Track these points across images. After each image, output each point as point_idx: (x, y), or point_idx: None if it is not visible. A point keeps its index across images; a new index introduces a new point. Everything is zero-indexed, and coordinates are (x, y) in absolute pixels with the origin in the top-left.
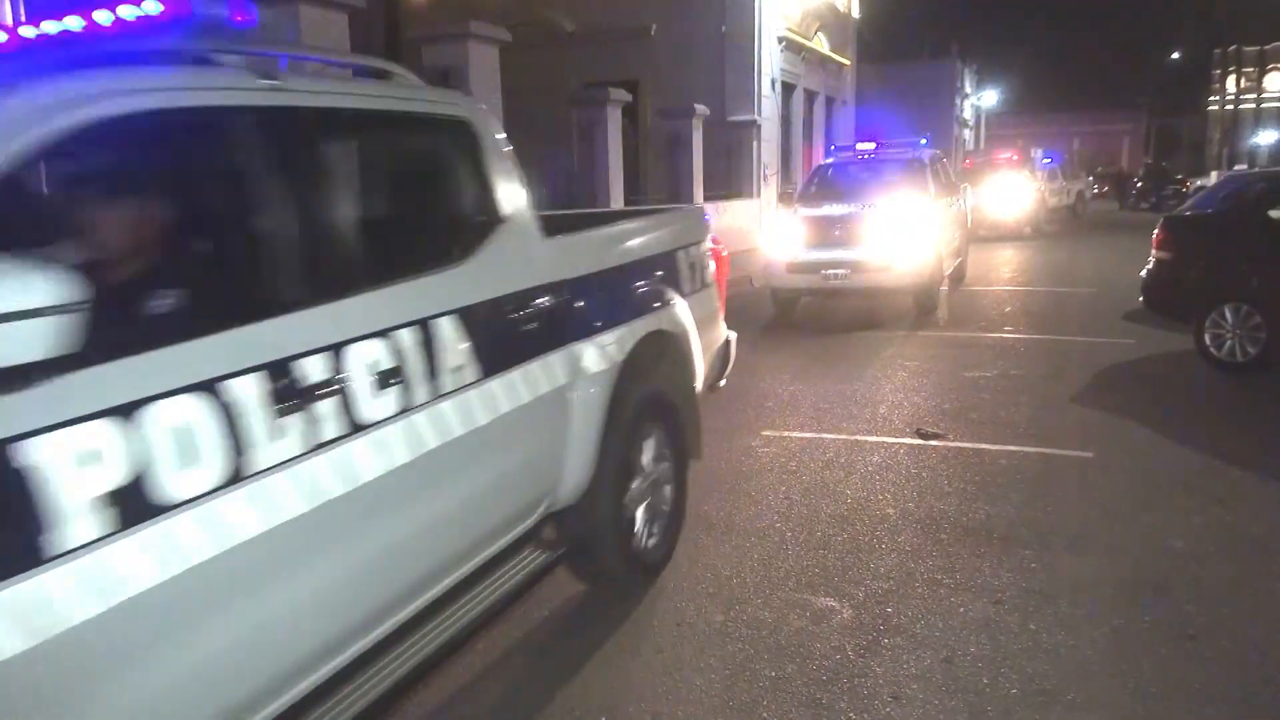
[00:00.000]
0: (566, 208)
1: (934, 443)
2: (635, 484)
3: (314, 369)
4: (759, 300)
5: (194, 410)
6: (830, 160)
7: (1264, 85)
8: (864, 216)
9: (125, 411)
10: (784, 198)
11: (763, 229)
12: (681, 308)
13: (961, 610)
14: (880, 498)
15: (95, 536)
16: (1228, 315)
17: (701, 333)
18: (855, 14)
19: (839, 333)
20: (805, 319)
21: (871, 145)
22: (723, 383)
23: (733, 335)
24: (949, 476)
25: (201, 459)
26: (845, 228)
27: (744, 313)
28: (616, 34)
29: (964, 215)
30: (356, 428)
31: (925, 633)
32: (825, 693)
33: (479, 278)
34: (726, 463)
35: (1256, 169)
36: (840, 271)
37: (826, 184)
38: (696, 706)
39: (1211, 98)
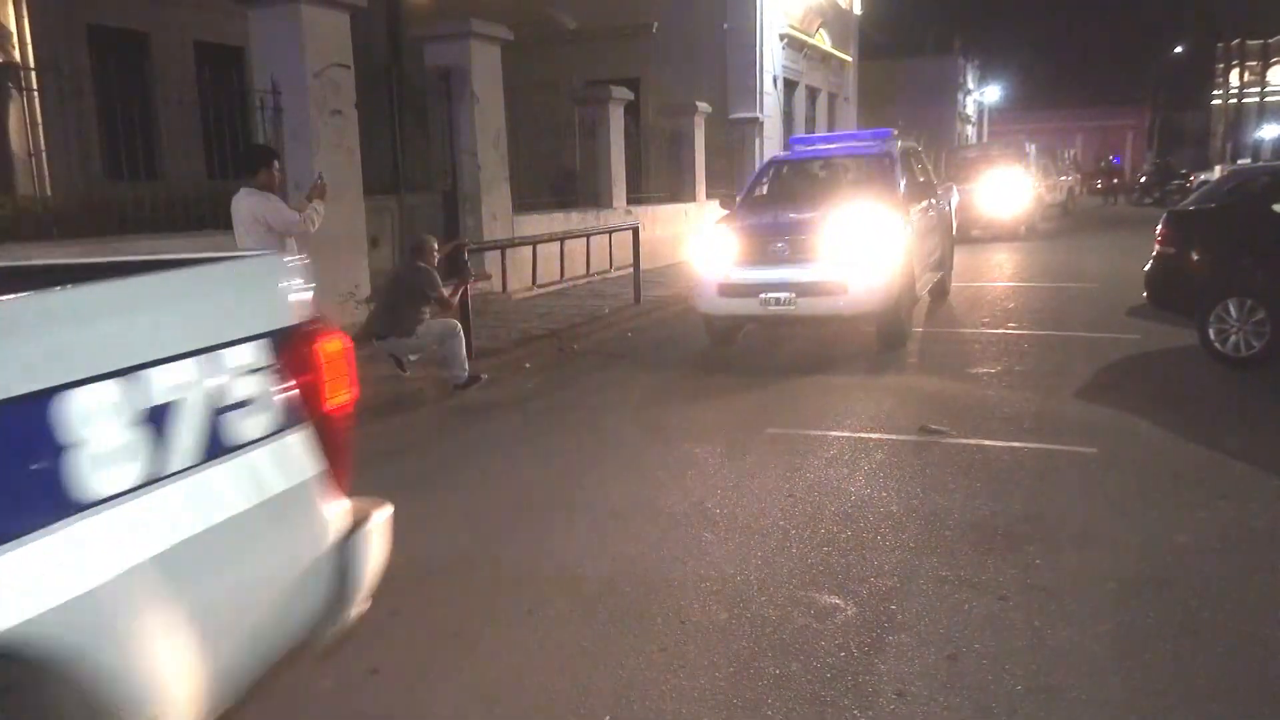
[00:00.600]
0: (569, 207)
1: (937, 439)
2: None
3: None
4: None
5: None
6: (783, 156)
7: (1267, 79)
8: (814, 225)
9: None
10: (726, 201)
11: (692, 238)
12: (74, 541)
13: (966, 607)
14: (884, 494)
15: None
16: (1232, 310)
17: (213, 576)
18: (857, 10)
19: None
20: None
21: (833, 138)
22: (347, 618)
23: (376, 519)
24: (953, 473)
25: None
26: (790, 240)
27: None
28: (618, 31)
29: (948, 219)
30: None
31: (929, 630)
32: (829, 690)
33: None
34: (729, 460)
35: (1261, 163)
36: (782, 295)
37: (775, 185)
38: (700, 705)
39: (1215, 92)
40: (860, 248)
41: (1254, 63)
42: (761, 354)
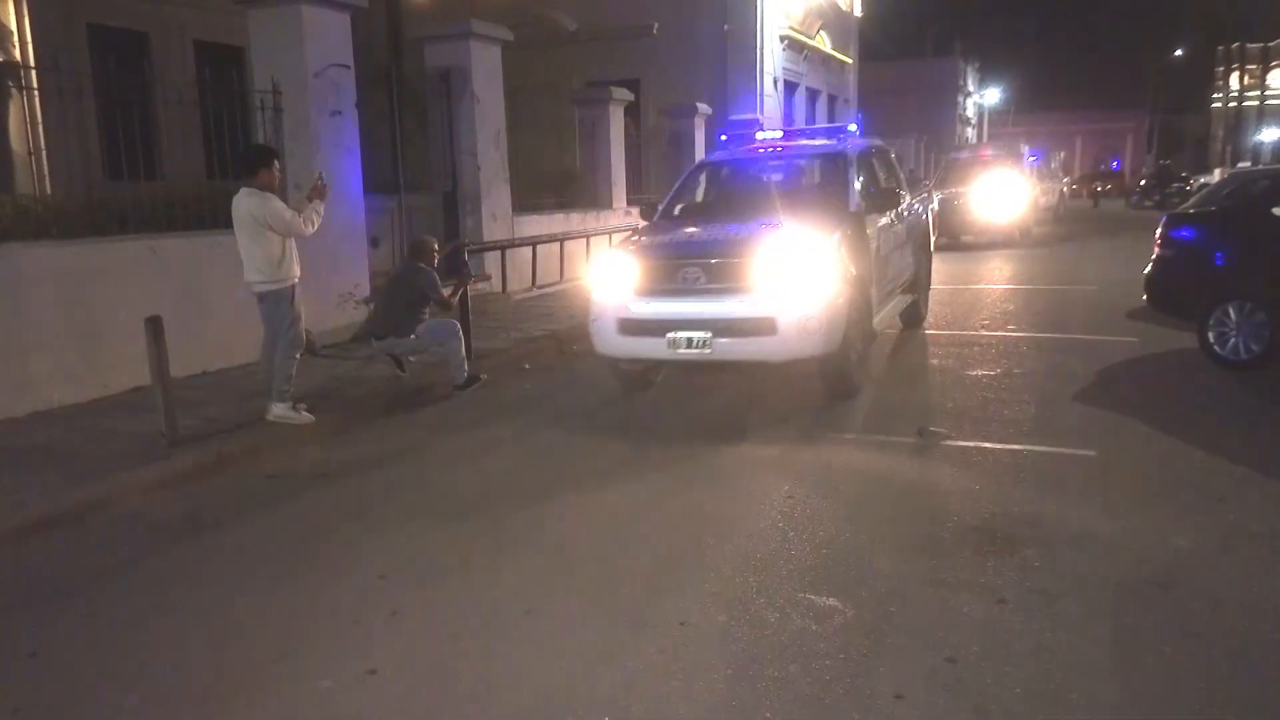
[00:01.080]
0: (569, 208)
1: (936, 442)
2: None
3: None
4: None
5: None
6: (716, 158)
7: (1267, 82)
8: (737, 245)
9: None
10: (646, 210)
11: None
12: None
13: (965, 609)
14: (883, 497)
15: None
16: (1231, 313)
17: None
18: (857, 12)
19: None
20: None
21: (778, 134)
22: None
23: None
24: (952, 475)
25: None
26: (706, 264)
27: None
28: (619, 33)
29: (923, 232)
30: None
31: (928, 632)
32: (828, 693)
33: None
34: (729, 462)
35: (1260, 166)
36: (695, 335)
37: (706, 192)
38: (699, 707)
39: (1214, 95)
40: (795, 274)
41: (1254, 66)
42: None
